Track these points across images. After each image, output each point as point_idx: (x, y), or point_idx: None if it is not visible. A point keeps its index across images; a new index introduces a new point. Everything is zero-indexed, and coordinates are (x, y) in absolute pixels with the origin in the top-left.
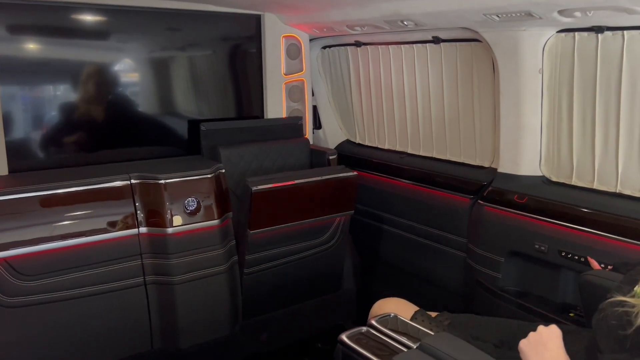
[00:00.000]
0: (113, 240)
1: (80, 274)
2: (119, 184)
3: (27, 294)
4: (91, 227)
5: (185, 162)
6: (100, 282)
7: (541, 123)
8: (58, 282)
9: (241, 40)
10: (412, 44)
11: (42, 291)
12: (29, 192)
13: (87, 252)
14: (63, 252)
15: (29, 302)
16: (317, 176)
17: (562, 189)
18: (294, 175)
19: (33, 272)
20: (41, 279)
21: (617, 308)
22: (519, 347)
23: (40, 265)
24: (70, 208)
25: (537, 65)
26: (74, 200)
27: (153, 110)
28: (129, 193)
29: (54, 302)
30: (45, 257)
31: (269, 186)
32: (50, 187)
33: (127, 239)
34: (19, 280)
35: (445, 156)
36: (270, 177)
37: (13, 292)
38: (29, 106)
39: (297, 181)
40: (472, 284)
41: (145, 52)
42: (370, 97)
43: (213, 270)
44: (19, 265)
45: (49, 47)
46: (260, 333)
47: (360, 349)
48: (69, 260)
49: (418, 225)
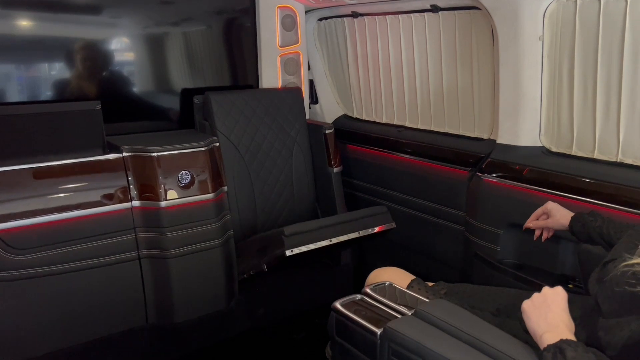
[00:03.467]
0: (106, 214)
1: (73, 247)
2: (111, 157)
3: (19, 268)
4: (84, 200)
5: (178, 135)
6: (93, 256)
7: (541, 92)
8: (51, 256)
9: (235, 13)
10: (410, 13)
11: (34, 265)
12: (21, 165)
13: (80, 225)
14: (56, 225)
15: (21, 275)
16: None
17: (562, 159)
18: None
19: (25, 246)
20: (34, 253)
21: (627, 269)
22: (521, 308)
23: (33, 238)
24: (63, 181)
25: (537, 32)
26: (67, 173)
27: (146, 85)
28: (121, 166)
29: (47, 276)
30: (38, 231)
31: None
32: (43, 159)
33: (121, 212)
34: (10, 254)
35: (444, 129)
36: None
37: (5, 266)
38: (21, 80)
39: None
40: (471, 257)
41: (139, 28)
42: (368, 70)
43: (208, 244)
44: (10, 239)
45: (41, 24)
46: (256, 308)
47: (354, 316)
48: (62, 234)
49: (416, 199)
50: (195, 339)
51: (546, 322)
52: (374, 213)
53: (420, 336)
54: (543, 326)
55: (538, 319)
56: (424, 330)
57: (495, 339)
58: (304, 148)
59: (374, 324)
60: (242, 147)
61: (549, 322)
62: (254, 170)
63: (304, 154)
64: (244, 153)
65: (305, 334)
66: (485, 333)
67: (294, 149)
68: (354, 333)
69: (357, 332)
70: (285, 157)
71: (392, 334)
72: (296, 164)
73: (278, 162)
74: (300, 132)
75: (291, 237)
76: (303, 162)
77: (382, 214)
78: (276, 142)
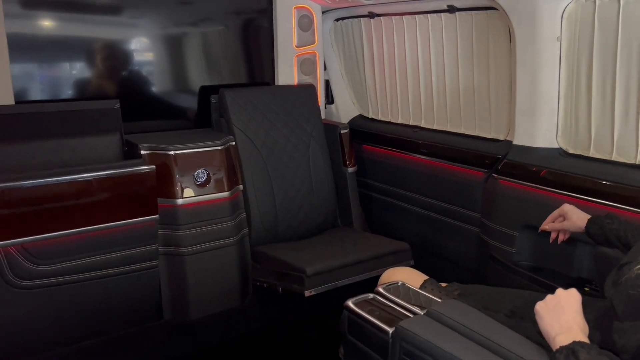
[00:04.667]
0: (130, 227)
1: (96, 257)
2: (136, 170)
3: (41, 277)
4: (108, 213)
5: (195, 134)
6: (116, 265)
7: (558, 93)
8: (73, 266)
9: (253, 13)
10: (427, 13)
11: (57, 274)
12: (44, 179)
13: (103, 237)
14: (78, 238)
15: (42, 284)
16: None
17: (580, 161)
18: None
19: (48, 257)
20: (57, 263)
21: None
22: (535, 310)
23: (56, 250)
24: (87, 195)
25: (555, 32)
26: (91, 187)
27: (165, 84)
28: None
29: (69, 284)
30: (61, 243)
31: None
32: (65, 172)
33: (146, 224)
34: (33, 264)
35: (460, 129)
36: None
37: (27, 275)
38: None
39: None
40: (486, 258)
41: (158, 28)
42: (384, 71)
43: (223, 242)
44: (35, 250)
45: (63, 24)
46: (270, 307)
47: (366, 314)
48: (85, 246)
49: (431, 200)
50: (209, 336)
51: (559, 324)
52: (396, 250)
53: (431, 336)
54: (556, 328)
55: (551, 321)
56: (436, 330)
57: (508, 340)
58: (321, 143)
59: (386, 323)
60: (259, 141)
61: (562, 324)
62: (272, 165)
63: (320, 148)
64: (261, 147)
65: (318, 334)
66: (498, 334)
67: (311, 144)
68: (366, 332)
69: (369, 331)
70: (302, 151)
71: (404, 333)
72: (314, 158)
73: (295, 157)
74: (316, 127)
75: (312, 278)
76: (320, 156)
77: (404, 251)
78: (292, 136)
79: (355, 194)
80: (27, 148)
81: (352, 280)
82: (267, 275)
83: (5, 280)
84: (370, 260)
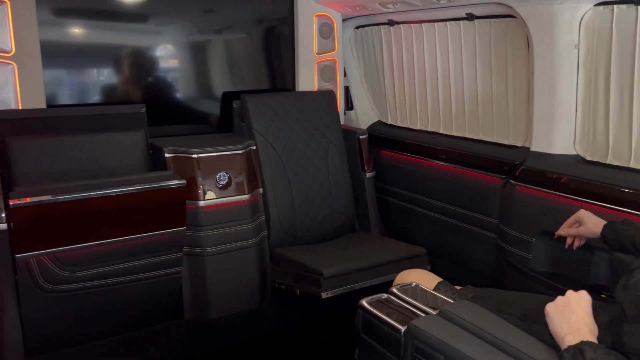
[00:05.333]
0: (158, 238)
1: (124, 265)
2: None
3: (69, 282)
4: (137, 225)
5: (217, 138)
6: (142, 271)
7: (576, 100)
8: (101, 272)
9: (275, 21)
10: (446, 21)
11: (86, 279)
12: (74, 194)
13: (130, 247)
14: (107, 248)
15: (69, 289)
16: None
17: (597, 168)
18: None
19: (77, 264)
20: (86, 270)
21: None
22: (545, 310)
23: (85, 259)
24: (117, 210)
25: (573, 40)
26: (121, 202)
27: (189, 90)
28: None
29: (96, 289)
30: (91, 252)
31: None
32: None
33: (173, 236)
34: (63, 270)
35: (478, 136)
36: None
37: (56, 281)
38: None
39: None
40: (502, 264)
41: (183, 35)
42: (403, 77)
43: (243, 243)
44: (66, 259)
45: (91, 31)
46: (288, 308)
47: (379, 313)
48: (114, 255)
49: (448, 206)
50: (228, 335)
51: (569, 325)
52: (412, 255)
53: (443, 334)
54: (565, 329)
55: (560, 322)
56: (448, 329)
57: (519, 341)
58: (339, 148)
59: (399, 322)
60: (279, 146)
61: (571, 325)
62: (291, 169)
63: (339, 153)
64: (281, 152)
65: (334, 336)
66: (509, 335)
67: (330, 149)
68: (379, 330)
69: (382, 330)
70: (321, 156)
71: (416, 331)
72: (332, 163)
73: (314, 161)
74: (334, 132)
75: (329, 280)
76: (339, 161)
77: (421, 256)
78: (312, 141)
79: (373, 199)
80: (58, 143)
81: (368, 283)
82: (285, 277)
83: (36, 285)
84: (387, 264)
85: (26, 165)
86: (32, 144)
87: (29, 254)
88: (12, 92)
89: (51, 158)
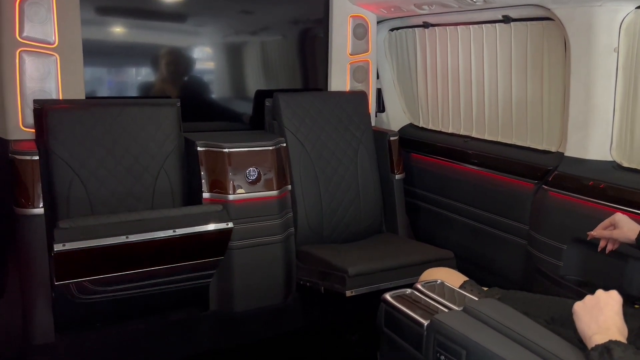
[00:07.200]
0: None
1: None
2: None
3: (102, 294)
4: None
5: (249, 135)
6: (173, 282)
7: (614, 105)
8: (135, 287)
9: (310, 22)
10: (482, 24)
11: (115, 292)
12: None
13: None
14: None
15: (96, 299)
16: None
17: (635, 174)
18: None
19: (114, 284)
20: (119, 290)
21: None
22: (573, 309)
23: (123, 279)
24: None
25: (612, 43)
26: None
27: (223, 88)
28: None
29: (126, 292)
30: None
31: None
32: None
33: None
34: (99, 287)
35: (511, 140)
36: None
37: (89, 293)
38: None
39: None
40: (532, 271)
41: (219, 36)
42: (436, 80)
43: (270, 239)
44: (103, 281)
45: (131, 31)
46: (312, 306)
47: (402, 307)
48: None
49: (478, 211)
50: (252, 330)
51: (597, 324)
52: (439, 258)
53: (466, 329)
54: (593, 328)
55: (589, 321)
56: (471, 324)
57: (544, 339)
58: (369, 149)
59: (422, 316)
60: (309, 144)
61: (600, 324)
62: (320, 167)
63: (369, 154)
64: (310, 150)
65: (358, 336)
66: (533, 332)
67: (359, 149)
68: (402, 324)
69: (404, 324)
70: (351, 156)
71: (439, 325)
72: (361, 164)
73: (344, 161)
74: (365, 133)
75: (354, 278)
76: (368, 162)
77: (448, 260)
78: (341, 141)
79: (401, 201)
80: (92, 113)
81: (393, 284)
82: (311, 274)
83: (70, 295)
84: (413, 266)
85: (62, 132)
86: (69, 112)
87: (68, 282)
88: (53, 82)
89: (85, 128)
